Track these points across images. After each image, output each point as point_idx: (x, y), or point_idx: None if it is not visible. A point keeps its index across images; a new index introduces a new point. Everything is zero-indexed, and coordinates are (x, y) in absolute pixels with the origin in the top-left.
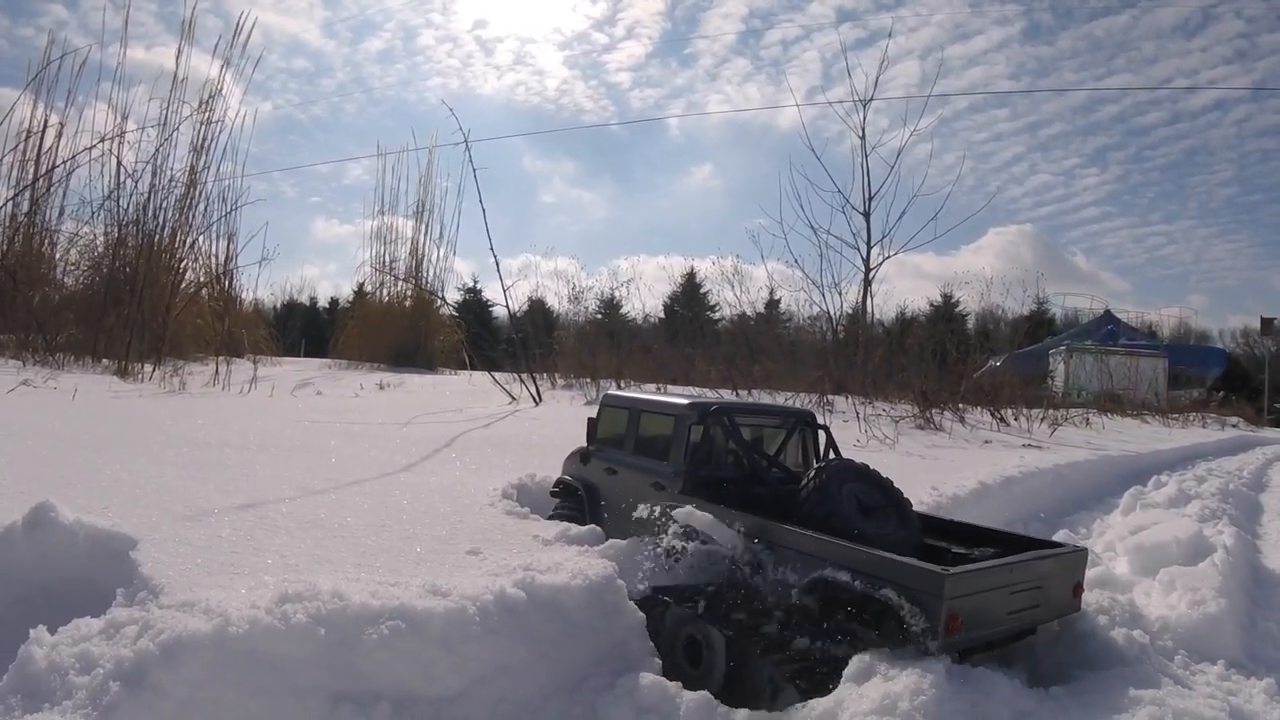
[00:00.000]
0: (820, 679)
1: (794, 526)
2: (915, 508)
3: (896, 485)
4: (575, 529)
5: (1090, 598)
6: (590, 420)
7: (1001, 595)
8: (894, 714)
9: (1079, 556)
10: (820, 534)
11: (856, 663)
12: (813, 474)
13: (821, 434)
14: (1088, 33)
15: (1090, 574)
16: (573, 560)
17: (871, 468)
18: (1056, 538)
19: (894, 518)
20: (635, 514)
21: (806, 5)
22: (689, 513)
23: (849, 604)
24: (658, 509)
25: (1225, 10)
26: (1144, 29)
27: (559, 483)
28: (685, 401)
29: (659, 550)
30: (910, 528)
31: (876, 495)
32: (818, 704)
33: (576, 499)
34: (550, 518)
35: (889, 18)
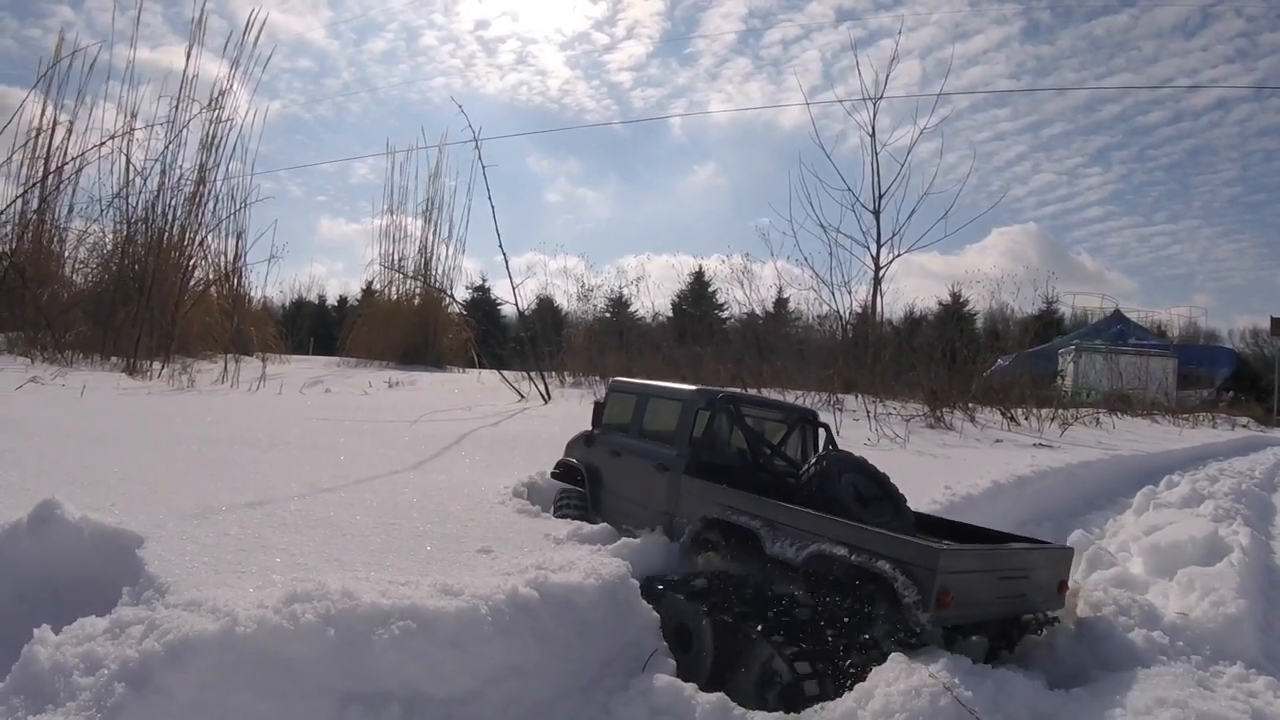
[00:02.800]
0: (818, 663)
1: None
2: (928, 507)
3: (893, 481)
4: (587, 528)
5: (1108, 598)
6: (597, 404)
7: (990, 579)
8: (916, 715)
9: (1064, 554)
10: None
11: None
12: (814, 462)
13: (821, 431)
14: (1087, 32)
15: (1107, 574)
16: (585, 559)
17: (869, 462)
18: (1070, 537)
19: (889, 509)
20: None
21: (805, 5)
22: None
23: (845, 578)
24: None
25: (1225, 9)
26: (1144, 28)
27: (561, 464)
28: (693, 388)
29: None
30: (904, 520)
31: (873, 487)
32: (837, 705)
33: (578, 480)
34: (556, 503)
35: (888, 17)
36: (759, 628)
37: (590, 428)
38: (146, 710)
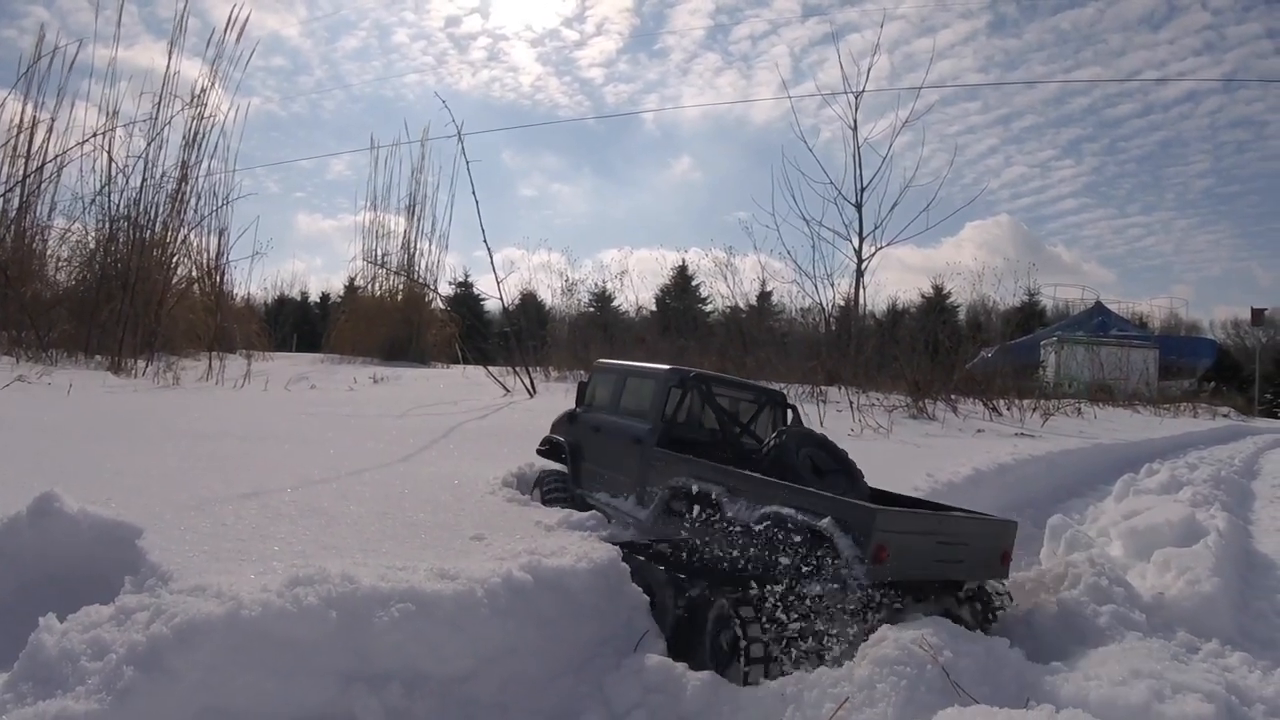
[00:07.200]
0: (770, 625)
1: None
2: (911, 493)
3: (853, 458)
4: (577, 515)
5: (1086, 577)
6: (581, 384)
7: (928, 542)
8: (901, 682)
9: (1007, 527)
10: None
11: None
12: (774, 437)
13: (789, 412)
14: (1054, 25)
15: (1085, 555)
16: (576, 544)
17: (828, 437)
18: (1051, 522)
19: (844, 481)
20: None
21: (771, 0)
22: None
23: (793, 537)
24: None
25: (1190, 2)
26: (1109, 21)
27: (546, 440)
28: (667, 367)
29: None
30: (859, 491)
31: (830, 461)
32: (823, 673)
33: (561, 456)
34: (542, 489)
35: (855, 12)
36: (714, 588)
37: (574, 407)
38: (156, 691)
